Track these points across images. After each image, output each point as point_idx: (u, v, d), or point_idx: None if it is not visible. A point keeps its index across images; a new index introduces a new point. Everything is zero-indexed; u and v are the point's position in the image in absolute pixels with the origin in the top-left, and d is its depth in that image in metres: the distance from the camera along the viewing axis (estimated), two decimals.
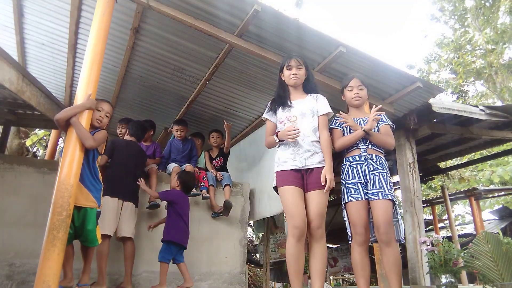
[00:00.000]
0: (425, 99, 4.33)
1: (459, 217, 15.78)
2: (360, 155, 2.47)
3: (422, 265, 4.19)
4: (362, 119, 2.57)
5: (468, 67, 12.94)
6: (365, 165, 2.43)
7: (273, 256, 6.26)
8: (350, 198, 2.42)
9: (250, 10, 3.14)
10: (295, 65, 2.52)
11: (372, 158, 2.44)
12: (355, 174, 2.44)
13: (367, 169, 2.42)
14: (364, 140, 2.49)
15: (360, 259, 2.36)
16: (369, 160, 2.43)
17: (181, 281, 3.46)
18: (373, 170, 2.41)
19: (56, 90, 5.47)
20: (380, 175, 2.38)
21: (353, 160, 2.50)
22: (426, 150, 6.23)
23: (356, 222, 2.36)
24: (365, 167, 2.42)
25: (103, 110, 2.86)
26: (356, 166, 2.45)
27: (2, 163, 3.45)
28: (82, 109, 2.51)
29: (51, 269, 2.15)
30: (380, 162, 2.44)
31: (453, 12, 13.87)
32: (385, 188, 2.34)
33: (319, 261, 2.29)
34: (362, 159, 2.45)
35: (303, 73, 2.56)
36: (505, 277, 2.88)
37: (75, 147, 2.44)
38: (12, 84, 3.22)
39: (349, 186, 2.44)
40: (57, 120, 2.48)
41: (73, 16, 3.73)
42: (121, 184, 3.34)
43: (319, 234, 2.27)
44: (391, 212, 2.33)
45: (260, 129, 5.08)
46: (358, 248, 2.37)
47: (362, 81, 2.67)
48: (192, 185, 3.78)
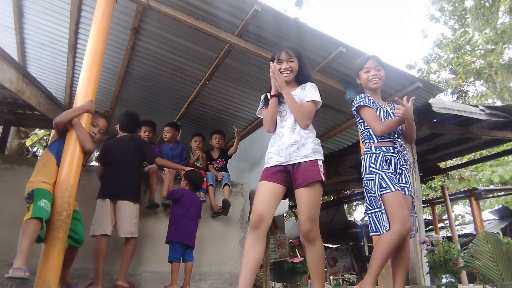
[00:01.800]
0: (425, 99, 4.33)
1: (459, 217, 15.78)
2: (395, 147, 2.32)
3: (422, 265, 4.19)
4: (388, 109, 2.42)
5: (468, 67, 12.95)
6: (397, 158, 2.30)
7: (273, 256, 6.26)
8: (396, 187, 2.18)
9: (250, 10, 3.14)
10: (285, 58, 2.31)
11: (402, 152, 2.33)
12: (391, 166, 2.28)
13: (398, 163, 2.30)
14: (397, 132, 2.35)
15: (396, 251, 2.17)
16: (400, 154, 2.32)
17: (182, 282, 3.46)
18: (402, 165, 2.32)
19: (56, 90, 5.47)
20: (405, 170, 2.32)
21: (387, 151, 2.31)
22: (426, 150, 6.23)
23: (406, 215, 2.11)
24: (397, 161, 2.30)
25: (97, 125, 2.87)
26: (391, 158, 2.29)
27: (2, 163, 3.45)
28: (81, 111, 2.52)
29: (51, 269, 2.15)
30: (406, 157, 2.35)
31: (453, 12, 13.88)
32: (409, 183, 2.30)
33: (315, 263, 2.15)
34: (396, 152, 2.31)
35: (295, 66, 2.32)
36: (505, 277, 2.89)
37: (75, 148, 2.44)
38: (12, 84, 3.23)
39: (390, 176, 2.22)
40: (56, 123, 2.49)
41: (73, 16, 3.73)
42: (114, 184, 3.27)
43: (311, 237, 2.08)
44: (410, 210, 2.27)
45: (260, 129, 5.07)
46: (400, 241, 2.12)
47: (379, 61, 2.46)
48: (200, 183, 3.76)
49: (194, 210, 3.60)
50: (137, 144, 3.56)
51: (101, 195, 3.24)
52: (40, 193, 2.36)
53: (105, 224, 3.14)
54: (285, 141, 2.18)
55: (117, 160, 3.36)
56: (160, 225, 3.87)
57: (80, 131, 2.47)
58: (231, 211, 4.19)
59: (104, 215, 3.16)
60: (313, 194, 2.08)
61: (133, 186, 3.40)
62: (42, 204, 2.29)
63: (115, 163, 3.36)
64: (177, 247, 3.37)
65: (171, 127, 4.52)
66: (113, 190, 3.26)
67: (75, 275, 3.30)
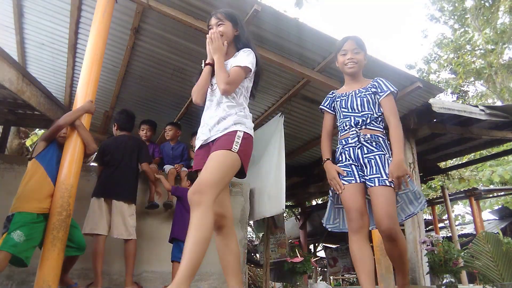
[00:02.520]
0: (425, 99, 4.34)
1: (459, 217, 15.78)
2: (353, 136, 2.08)
3: (422, 265, 4.19)
4: (356, 92, 2.16)
5: (468, 67, 12.95)
6: (358, 147, 2.04)
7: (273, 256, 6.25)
8: (342, 181, 2.02)
9: (250, 10, 3.14)
10: (214, 23, 2.04)
11: (366, 139, 2.04)
12: (347, 157, 2.08)
13: (360, 152, 2.03)
14: (355, 122, 2.09)
15: (358, 249, 1.92)
16: (362, 142, 2.04)
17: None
18: (367, 153, 2.02)
19: (56, 90, 5.47)
20: (377, 158, 1.99)
21: (345, 143, 2.11)
22: (426, 150, 6.23)
23: (349, 207, 1.95)
24: (357, 150, 2.04)
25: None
26: (349, 149, 2.08)
27: (2, 163, 3.45)
28: (83, 112, 2.53)
29: (51, 269, 2.15)
30: (376, 143, 2.03)
31: (453, 12, 13.88)
32: (382, 173, 1.93)
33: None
34: (355, 141, 2.06)
35: (226, 30, 2.02)
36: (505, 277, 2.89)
37: (75, 148, 2.44)
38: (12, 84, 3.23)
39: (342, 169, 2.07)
40: (60, 126, 2.48)
41: (73, 16, 3.73)
42: (110, 183, 3.25)
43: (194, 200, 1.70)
44: (393, 200, 1.91)
45: (260, 129, 5.08)
46: (353, 237, 1.95)
47: (358, 43, 2.19)
48: None
49: None
50: (136, 143, 3.55)
51: (96, 193, 3.21)
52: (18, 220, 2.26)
53: (100, 224, 3.12)
54: (207, 115, 1.94)
55: (115, 159, 3.34)
56: (160, 225, 3.87)
57: (84, 132, 2.47)
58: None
59: (99, 214, 3.14)
60: (216, 157, 1.75)
61: (129, 186, 3.36)
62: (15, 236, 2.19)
63: (113, 162, 3.34)
64: (181, 245, 3.37)
65: (173, 126, 4.52)
66: (108, 189, 3.23)
67: (75, 275, 3.31)
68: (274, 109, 4.87)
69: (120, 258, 3.36)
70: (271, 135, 4.66)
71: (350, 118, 2.12)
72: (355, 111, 2.12)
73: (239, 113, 1.90)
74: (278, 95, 4.66)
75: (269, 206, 4.34)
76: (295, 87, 4.36)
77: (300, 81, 4.22)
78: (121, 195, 3.26)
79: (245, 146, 1.83)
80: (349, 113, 2.14)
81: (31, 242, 2.27)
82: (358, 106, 2.12)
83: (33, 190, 2.38)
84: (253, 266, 9.22)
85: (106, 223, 3.16)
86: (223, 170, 1.75)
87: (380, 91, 2.12)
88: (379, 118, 2.11)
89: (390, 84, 2.16)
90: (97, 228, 3.09)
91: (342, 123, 2.17)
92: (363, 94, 2.14)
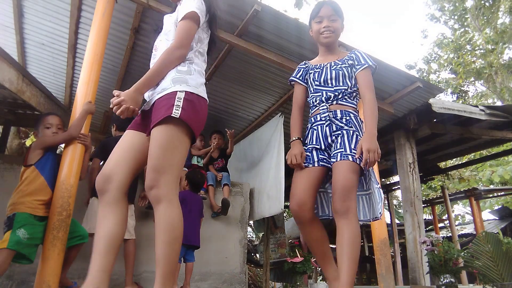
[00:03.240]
0: (425, 99, 4.34)
1: (459, 217, 15.78)
2: (323, 112, 1.88)
3: (422, 265, 4.19)
4: (331, 64, 1.96)
5: (468, 67, 12.95)
6: (327, 125, 1.85)
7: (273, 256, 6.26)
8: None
9: (250, 10, 3.14)
10: None
11: (336, 116, 1.86)
12: (314, 138, 1.88)
13: (328, 129, 1.84)
14: (327, 97, 1.89)
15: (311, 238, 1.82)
16: (332, 119, 1.85)
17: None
18: (336, 130, 1.83)
19: (56, 90, 5.47)
20: (345, 134, 1.80)
21: (314, 120, 1.92)
22: (426, 150, 6.24)
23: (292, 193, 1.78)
24: (326, 128, 1.85)
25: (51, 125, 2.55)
26: (317, 127, 1.88)
27: (2, 163, 3.45)
28: (86, 115, 2.53)
29: (51, 269, 2.15)
30: (346, 119, 1.85)
31: (453, 12, 13.88)
32: (347, 147, 1.75)
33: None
34: (323, 118, 1.87)
35: None
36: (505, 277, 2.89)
37: (75, 148, 2.44)
38: (12, 84, 3.23)
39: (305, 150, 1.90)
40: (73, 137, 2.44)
41: (73, 16, 3.73)
42: None
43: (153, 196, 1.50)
44: (353, 176, 1.70)
45: (260, 129, 5.08)
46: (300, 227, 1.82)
47: (335, 9, 1.96)
48: (200, 183, 3.76)
49: (197, 210, 3.61)
50: None
51: (95, 193, 3.21)
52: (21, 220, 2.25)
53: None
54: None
55: None
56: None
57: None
58: (231, 211, 4.19)
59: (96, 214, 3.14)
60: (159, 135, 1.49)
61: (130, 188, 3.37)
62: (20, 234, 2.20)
63: None
64: (181, 247, 3.37)
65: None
66: None
67: (75, 275, 3.30)
68: (274, 109, 4.87)
69: (120, 258, 3.36)
70: (271, 135, 4.66)
71: (322, 92, 1.92)
72: (328, 85, 1.92)
73: (180, 69, 1.61)
74: (278, 95, 4.66)
75: (268, 206, 4.34)
76: None
77: None
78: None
79: (190, 109, 1.53)
80: (321, 87, 1.94)
81: (33, 240, 2.28)
82: (332, 80, 1.91)
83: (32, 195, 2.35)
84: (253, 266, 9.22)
85: None
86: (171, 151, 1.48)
87: (357, 63, 1.92)
88: (353, 93, 1.93)
89: (369, 57, 1.96)
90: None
91: (312, 98, 1.97)
92: (339, 66, 1.93)
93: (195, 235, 3.51)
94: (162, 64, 1.59)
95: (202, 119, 1.62)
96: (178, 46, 1.59)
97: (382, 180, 8.62)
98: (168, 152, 1.48)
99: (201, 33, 1.73)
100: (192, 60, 1.68)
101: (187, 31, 1.61)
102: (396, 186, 8.70)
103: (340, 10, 1.98)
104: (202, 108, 1.62)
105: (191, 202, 3.58)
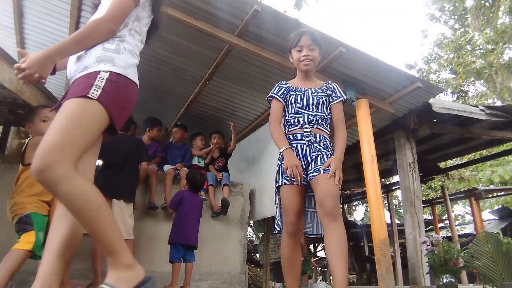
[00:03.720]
0: (425, 99, 4.34)
1: (459, 217, 15.78)
2: (303, 133, 2.07)
3: (422, 265, 4.19)
4: (312, 90, 2.15)
5: (468, 67, 12.94)
6: (307, 145, 2.04)
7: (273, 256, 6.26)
8: (284, 181, 2.01)
9: (250, 10, 3.14)
10: None
11: (316, 139, 2.06)
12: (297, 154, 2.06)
13: (308, 149, 2.04)
14: (309, 120, 2.08)
15: (290, 252, 2.00)
16: (312, 139, 2.05)
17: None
18: (314, 151, 2.04)
19: (56, 90, 5.46)
20: (324, 154, 2.03)
21: (293, 138, 2.09)
22: (426, 150, 6.23)
23: (288, 208, 1.96)
24: (306, 148, 2.04)
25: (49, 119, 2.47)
26: (297, 146, 2.06)
27: (2, 163, 3.46)
28: None
29: None
30: (324, 143, 2.07)
31: (453, 12, 13.88)
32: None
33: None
34: (304, 139, 2.06)
35: None
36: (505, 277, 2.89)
37: None
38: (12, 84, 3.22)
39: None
40: None
41: (73, 16, 3.73)
42: (109, 182, 3.25)
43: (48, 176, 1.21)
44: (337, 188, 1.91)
45: (260, 129, 5.08)
46: (288, 239, 1.99)
47: (313, 39, 2.15)
48: (199, 184, 3.76)
49: (196, 210, 3.61)
50: (136, 144, 3.58)
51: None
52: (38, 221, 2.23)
53: None
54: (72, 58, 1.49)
55: (116, 160, 3.35)
56: (160, 225, 3.88)
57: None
58: (231, 211, 4.19)
59: None
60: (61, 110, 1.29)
61: (129, 185, 3.39)
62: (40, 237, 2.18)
63: (114, 162, 3.35)
64: (179, 247, 3.38)
65: (180, 128, 4.67)
66: (109, 188, 3.22)
67: (75, 275, 3.31)
68: None
69: None
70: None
71: (303, 115, 2.10)
72: (309, 109, 2.11)
73: (107, 46, 1.43)
74: None
75: (270, 206, 4.34)
76: None
77: None
78: (122, 194, 3.29)
79: (113, 92, 1.36)
80: (302, 109, 2.12)
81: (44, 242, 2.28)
82: (313, 105, 2.12)
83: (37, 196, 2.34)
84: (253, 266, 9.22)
85: None
86: (71, 126, 1.25)
87: (334, 95, 2.18)
88: (328, 120, 2.16)
89: (341, 90, 2.23)
90: None
91: (293, 118, 2.13)
92: (319, 94, 2.15)
93: (194, 235, 3.52)
94: (85, 34, 1.39)
95: (127, 104, 1.46)
96: (108, 19, 1.42)
97: (382, 180, 8.62)
98: (66, 128, 1.24)
99: (141, 11, 1.58)
100: (124, 38, 1.50)
101: (121, 5, 1.45)
102: (396, 186, 8.70)
103: (318, 40, 2.18)
104: (130, 92, 1.46)
105: (190, 202, 3.58)
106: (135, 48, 1.56)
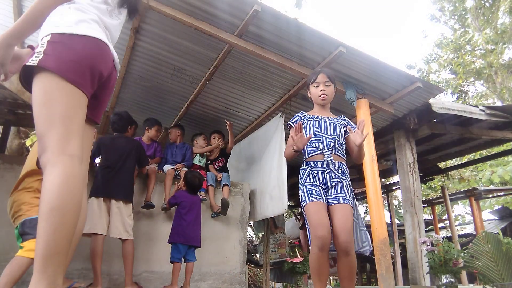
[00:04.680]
0: (425, 99, 4.34)
1: (459, 217, 15.77)
2: (323, 161, 2.27)
3: (422, 265, 4.19)
4: (328, 118, 2.41)
5: (468, 67, 12.94)
6: (327, 172, 2.25)
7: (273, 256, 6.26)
8: (311, 198, 2.18)
9: (250, 10, 3.14)
10: None
11: (334, 166, 2.27)
12: (317, 180, 2.26)
13: (328, 176, 2.25)
14: (328, 144, 2.30)
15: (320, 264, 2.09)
16: (331, 167, 2.26)
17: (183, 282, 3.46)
18: (334, 178, 2.25)
19: None
20: (343, 182, 2.26)
21: (315, 165, 2.28)
22: (426, 150, 6.23)
23: (317, 223, 2.08)
24: (326, 175, 2.25)
25: None
26: (318, 173, 2.26)
27: (2, 163, 3.46)
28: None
29: None
30: (341, 170, 2.28)
31: (453, 12, 13.88)
32: (346, 193, 2.21)
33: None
34: (325, 166, 2.26)
35: None
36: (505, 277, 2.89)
37: None
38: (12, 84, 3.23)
39: (310, 188, 2.23)
40: None
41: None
42: (108, 182, 3.26)
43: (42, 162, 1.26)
44: (352, 220, 2.16)
45: (260, 129, 5.08)
46: (319, 253, 2.07)
47: (329, 76, 2.44)
48: (197, 184, 3.76)
49: (196, 210, 3.61)
50: (134, 145, 3.61)
51: (96, 193, 3.23)
52: None
53: (99, 224, 3.12)
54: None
55: (114, 161, 3.36)
56: (160, 225, 3.88)
57: None
58: (231, 211, 4.19)
59: (98, 214, 3.14)
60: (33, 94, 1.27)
61: (127, 186, 3.40)
62: None
63: (110, 162, 3.36)
64: (180, 247, 3.38)
65: (179, 128, 4.68)
66: (107, 189, 3.25)
67: (75, 275, 3.31)
68: (274, 109, 4.87)
69: (119, 258, 3.36)
70: (272, 135, 4.66)
71: (323, 138, 2.32)
72: (328, 133, 2.34)
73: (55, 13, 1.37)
74: (278, 95, 4.66)
75: (271, 206, 4.34)
76: (295, 87, 4.37)
77: (300, 81, 4.22)
78: (121, 195, 3.29)
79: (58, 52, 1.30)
80: (321, 133, 2.34)
81: None
82: (331, 130, 2.35)
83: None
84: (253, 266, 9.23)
85: (105, 222, 3.17)
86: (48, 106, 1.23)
87: (350, 125, 2.41)
88: (344, 146, 2.38)
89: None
90: (96, 228, 3.09)
91: (312, 142, 2.32)
92: (335, 122, 2.40)
93: (195, 235, 3.52)
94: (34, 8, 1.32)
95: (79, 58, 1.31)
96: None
97: (382, 180, 8.62)
98: (45, 108, 1.22)
99: None
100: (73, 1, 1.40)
101: None
102: (396, 186, 8.71)
103: (332, 77, 2.47)
104: (83, 46, 1.32)
105: (190, 202, 3.58)
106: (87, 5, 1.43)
